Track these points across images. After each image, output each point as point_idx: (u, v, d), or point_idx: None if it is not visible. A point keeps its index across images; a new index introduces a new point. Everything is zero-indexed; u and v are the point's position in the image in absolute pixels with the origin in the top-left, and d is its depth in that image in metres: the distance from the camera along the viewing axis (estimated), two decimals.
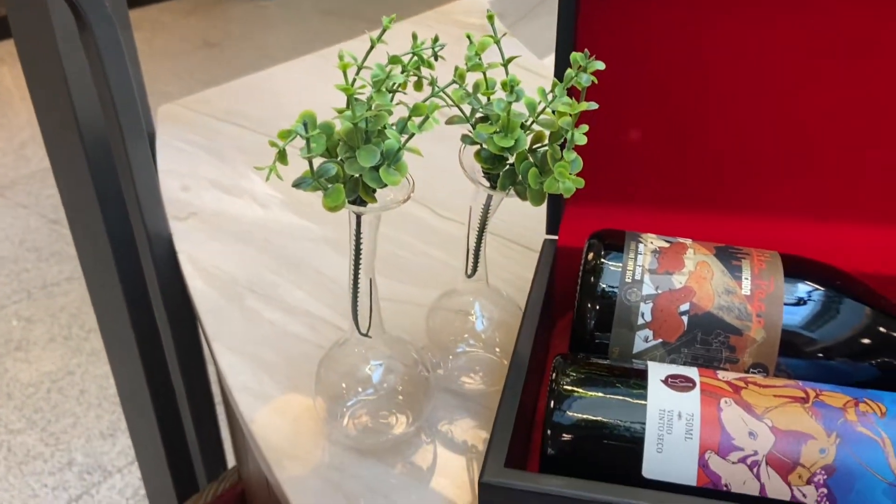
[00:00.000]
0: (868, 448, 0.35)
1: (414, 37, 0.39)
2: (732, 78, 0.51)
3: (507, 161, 0.43)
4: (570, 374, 0.39)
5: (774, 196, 0.53)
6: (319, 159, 0.37)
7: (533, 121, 0.41)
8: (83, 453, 1.40)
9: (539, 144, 0.42)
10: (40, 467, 1.38)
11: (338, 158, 0.38)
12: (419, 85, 0.41)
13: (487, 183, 0.44)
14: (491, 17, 0.42)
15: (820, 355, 0.42)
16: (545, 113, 0.41)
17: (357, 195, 0.38)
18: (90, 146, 0.65)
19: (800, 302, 0.42)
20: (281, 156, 0.36)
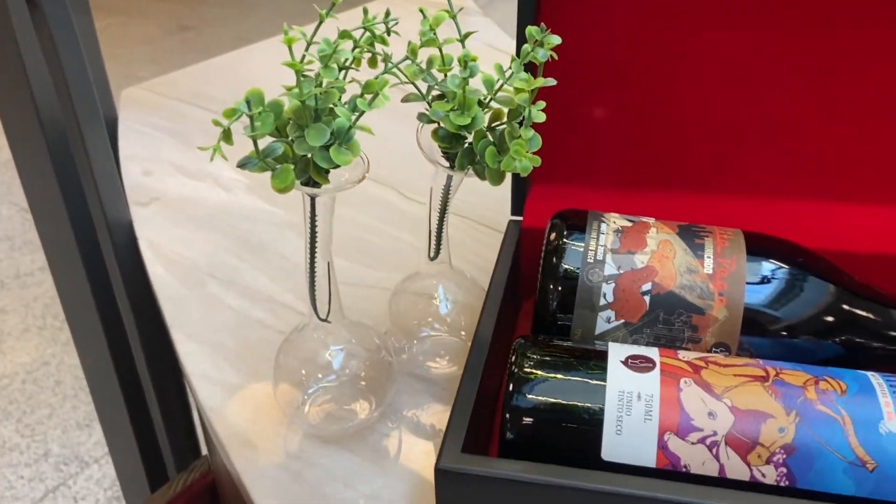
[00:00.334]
0: (828, 426, 0.35)
1: (365, 11, 0.38)
2: (696, 55, 0.50)
3: (466, 140, 0.42)
4: (530, 357, 0.39)
5: (739, 174, 0.53)
6: (269, 139, 0.36)
7: (490, 98, 0.40)
8: (59, 444, 1.39)
9: (498, 122, 0.41)
10: (16, 459, 1.36)
11: (288, 138, 0.37)
12: (373, 62, 0.40)
13: (446, 163, 0.43)
14: None
15: (783, 334, 0.41)
16: (503, 90, 0.40)
17: (308, 176, 0.37)
18: (50, 134, 0.63)
19: (762, 280, 0.42)
20: (226, 135, 0.35)
